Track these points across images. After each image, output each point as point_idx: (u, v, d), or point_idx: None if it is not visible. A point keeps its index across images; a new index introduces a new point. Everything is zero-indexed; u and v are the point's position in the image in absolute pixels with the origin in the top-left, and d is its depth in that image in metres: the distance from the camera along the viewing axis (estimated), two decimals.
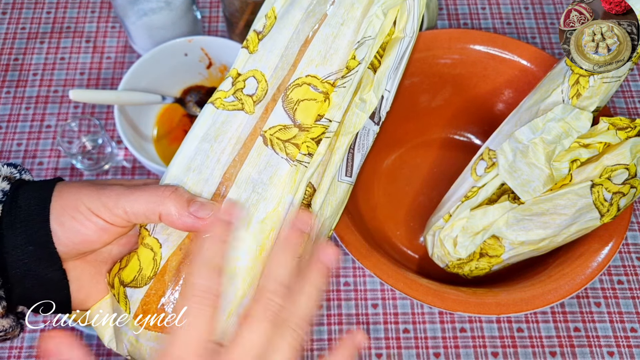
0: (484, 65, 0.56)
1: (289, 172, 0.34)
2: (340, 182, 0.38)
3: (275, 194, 0.33)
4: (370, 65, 0.37)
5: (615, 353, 0.54)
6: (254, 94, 0.36)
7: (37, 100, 0.67)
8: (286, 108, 0.35)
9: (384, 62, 0.38)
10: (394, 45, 0.38)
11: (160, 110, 0.65)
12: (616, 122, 0.42)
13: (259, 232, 0.33)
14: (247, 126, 0.35)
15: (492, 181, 0.46)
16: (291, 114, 0.35)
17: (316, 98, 0.35)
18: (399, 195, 0.59)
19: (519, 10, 0.73)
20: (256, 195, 0.33)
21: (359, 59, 0.36)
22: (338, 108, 0.35)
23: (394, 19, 0.38)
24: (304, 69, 0.36)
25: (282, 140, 0.34)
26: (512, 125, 0.47)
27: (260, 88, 0.36)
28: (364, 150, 0.39)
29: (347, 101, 0.35)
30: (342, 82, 0.35)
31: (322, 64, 0.36)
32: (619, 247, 0.45)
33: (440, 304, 0.43)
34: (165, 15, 0.62)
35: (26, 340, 0.54)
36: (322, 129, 0.35)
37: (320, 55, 0.36)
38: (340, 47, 0.36)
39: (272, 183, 0.34)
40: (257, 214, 0.33)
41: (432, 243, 0.51)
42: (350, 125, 0.37)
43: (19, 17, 0.72)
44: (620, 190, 0.41)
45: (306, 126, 0.35)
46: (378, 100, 0.37)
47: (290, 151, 0.34)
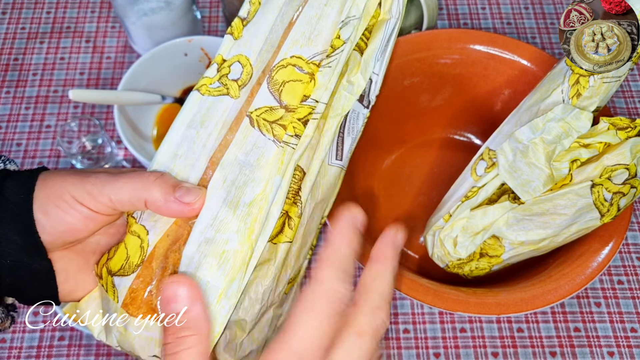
0: (484, 65, 0.56)
1: (276, 154, 0.33)
2: (331, 165, 0.37)
3: (262, 176, 0.33)
4: (356, 47, 0.37)
5: (615, 353, 0.54)
6: (239, 78, 0.36)
7: (36, 100, 0.66)
8: (271, 89, 0.35)
9: (370, 44, 0.38)
10: (380, 27, 0.38)
11: (160, 110, 0.65)
12: (616, 122, 0.42)
13: (247, 215, 0.32)
14: (233, 110, 0.35)
15: (492, 181, 0.46)
16: (277, 95, 0.34)
17: (301, 79, 0.35)
18: (399, 195, 0.59)
19: (519, 10, 0.73)
20: (243, 177, 0.33)
21: (344, 38, 0.35)
22: (325, 89, 0.35)
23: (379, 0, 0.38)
24: (288, 50, 0.35)
25: (269, 122, 0.34)
26: (512, 125, 0.47)
27: (245, 72, 0.36)
28: (354, 134, 0.39)
29: (333, 82, 0.35)
30: (327, 62, 0.35)
31: (306, 45, 0.35)
32: (619, 247, 0.45)
33: (440, 304, 0.43)
34: (165, 15, 0.62)
35: (26, 341, 0.54)
36: (309, 109, 0.34)
37: (305, 36, 0.36)
38: (324, 27, 0.36)
39: (260, 165, 0.33)
40: (244, 196, 0.33)
41: (432, 243, 0.51)
42: (338, 108, 0.36)
43: (18, 17, 0.72)
44: (620, 190, 0.41)
45: (292, 107, 0.34)
46: (366, 82, 0.37)
47: (277, 132, 0.34)
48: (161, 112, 0.65)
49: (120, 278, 0.33)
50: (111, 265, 0.34)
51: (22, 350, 0.54)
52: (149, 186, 0.31)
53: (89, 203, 0.31)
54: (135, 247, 0.33)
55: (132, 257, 0.33)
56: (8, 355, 0.53)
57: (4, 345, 0.54)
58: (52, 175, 0.32)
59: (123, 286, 0.33)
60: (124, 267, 0.33)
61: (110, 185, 0.31)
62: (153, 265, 0.32)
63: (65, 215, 0.31)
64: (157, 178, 0.32)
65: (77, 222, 0.32)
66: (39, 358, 0.53)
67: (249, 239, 0.32)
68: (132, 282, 0.33)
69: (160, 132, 0.64)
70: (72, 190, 0.31)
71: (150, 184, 0.31)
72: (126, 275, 0.33)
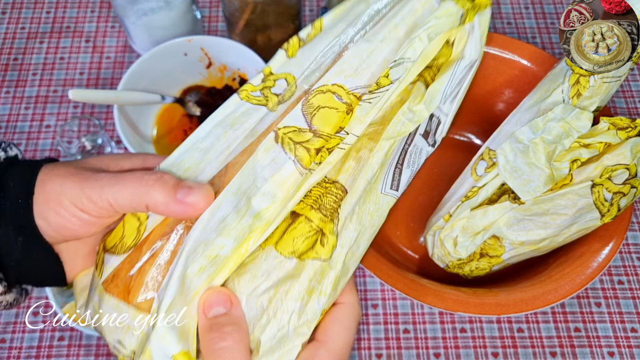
0: (484, 65, 0.56)
1: (292, 174, 0.33)
2: (384, 194, 0.36)
3: (272, 192, 0.33)
4: (422, 79, 0.36)
5: (615, 353, 0.54)
6: (280, 94, 0.36)
7: (36, 100, 0.66)
8: (305, 112, 0.34)
9: (437, 79, 0.37)
10: (450, 65, 0.37)
11: (159, 110, 0.65)
12: (616, 122, 0.42)
13: (248, 227, 0.32)
14: (266, 122, 0.35)
15: (492, 181, 0.46)
16: (309, 118, 0.34)
17: (338, 107, 0.34)
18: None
19: (519, 10, 0.73)
20: (254, 189, 0.33)
21: (392, 78, 0.34)
22: (359, 122, 0.34)
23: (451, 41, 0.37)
24: (332, 77, 0.35)
25: (294, 142, 0.34)
26: (513, 125, 0.47)
27: (289, 90, 0.36)
28: (414, 168, 0.38)
29: (371, 116, 0.34)
30: (368, 97, 0.34)
31: (351, 76, 0.35)
32: (619, 247, 0.45)
33: (440, 304, 0.43)
34: (165, 15, 0.62)
35: (26, 341, 0.54)
36: (339, 140, 0.34)
37: (352, 67, 0.35)
38: (374, 62, 0.35)
39: (273, 180, 0.33)
40: (251, 208, 0.32)
41: (432, 243, 0.51)
42: (394, 132, 0.35)
43: (18, 17, 0.72)
44: (620, 190, 0.41)
45: (322, 134, 0.34)
46: (429, 113, 0.36)
47: (300, 154, 0.33)
48: (161, 112, 0.65)
49: (110, 256, 0.33)
50: (107, 242, 0.33)
51: (22, 350, 0.54)
52: (149, 190, 0.30)
53: (89, 209, 0.31)
54: (132, 229, 0.33)
55: (127, 238, 0.33)
56: (8, 355, 0.53)
57: (3, 346, 0.54)
58: (51, 176, 0.31)
59: (110, 264, 0.33)
60: (116, 246, 0.33)
61: (110, 189, 0.30)
62: (144, 249, 0.32)
63: (66, 222, 0.31)
64: (156, 180, 0.31)
65: (78, 228, 0.31)
66: (39, 358, 0.53)
67: (238, 250, 0.31)
68: (120, 262, 0.32)
69: (160, 132, 0.64)
70: (71, 196, 0.30)
71: (150, 187, 0.30)
72: (116, 254, 0.33)
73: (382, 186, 0.36)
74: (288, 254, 0.32)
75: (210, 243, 0.31)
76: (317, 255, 0.33)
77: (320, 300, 0.32)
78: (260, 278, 0.32)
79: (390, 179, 0.36)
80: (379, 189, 0.35)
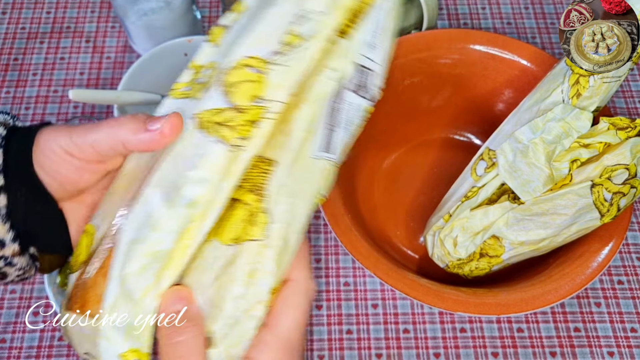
0: (484, 65, 0.56)
1: (220, 155, 0.32)
2: (315, 158, 0.34)
3: (204, 177, 0.32)
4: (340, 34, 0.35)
5: (615, 353, 0.54)
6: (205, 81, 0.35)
7: (36, 100, 0.67)
8: (221, 91, 0.33)
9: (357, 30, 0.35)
10: (369, 12, 0.35)
11: None
12: (616, 122, 0.42)
13: (185, 217, 0.31)
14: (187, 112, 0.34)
15: (492, 181, 0.46)
16: (227, 97, 0.33)
17: (254, 79, 0.33)
18: (399, 195, 0.59)
19: (519, 10, 0.73)
20: (183, 179, 0.32)
21: (304, 34, 0.33)
22: (279, 87, 0.33)
23: None
24: (243, 50, 0.33)
25: (216, 123, 0.32)
26: (512, 125, 0.47)
27: (210, 76, 0.35)
28: (349, 127, 0.36)
29: (292, 79, 0.33)
30: (281, 59, 0.33)
31: (263, 43, 0.33)
32: (619, 247, 0.45)
33: (440, 304, 0.43)
34: (165, 15, 0.62)
35: (26, 341, 0.54)
36: (260, 110, 0.32)
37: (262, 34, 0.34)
38: (283, 23, 0.33)
39: (202, 166, 0.32)
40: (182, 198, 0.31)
41: (432, 243, 0.51)
42: (317, 94, 0.34)
43: (18, 17, 0.72)
44: (620, 190, 0.41)
45: (242, 108, 0.32)
46: (352, 65, 0.35)
47: (225, 133, 0.32)
48: None
49: (71, 275, 0.34)
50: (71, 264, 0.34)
51: (22, 350, 0.54)
52: (122, 125, 0.32)
53: (75, 152, 0.33)
54: (83, 245, 0.34)
55: (81, 255, 0.33)
56: (8, 355, 0.53)
57: (4, 346, 0.54)
58: (48, 130, 0.34)
59: (71, 283, 0.33)
60: (72, 264, 0.34)
61: (91, 132, 0.32)
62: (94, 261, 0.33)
63: (58, 167, 0.33)
64: (129, 117, 0.33)
65: (71, 174, 0.33)
66: (39, 358, 0.53)
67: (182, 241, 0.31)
68: (76, 278, 0.33)
69: None
70: (61, 141, 0.33)
71: (123, 123, 0.32)
72: (74, 273, 0.33)
73: (312, 150, 0.34)
74: (228, 242, 0.32)
75: (145, 240, 0.31)
76: (250, 236, 0.32)
77: (265, 280, 0.32)
78: (208, 271, 0.32)
79: (319, 141, 0.34)
80: (308, 153, 0.34)
